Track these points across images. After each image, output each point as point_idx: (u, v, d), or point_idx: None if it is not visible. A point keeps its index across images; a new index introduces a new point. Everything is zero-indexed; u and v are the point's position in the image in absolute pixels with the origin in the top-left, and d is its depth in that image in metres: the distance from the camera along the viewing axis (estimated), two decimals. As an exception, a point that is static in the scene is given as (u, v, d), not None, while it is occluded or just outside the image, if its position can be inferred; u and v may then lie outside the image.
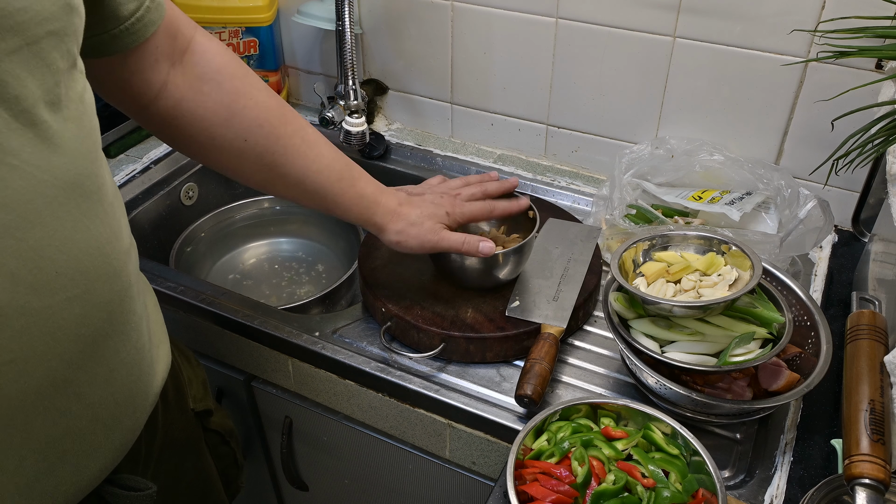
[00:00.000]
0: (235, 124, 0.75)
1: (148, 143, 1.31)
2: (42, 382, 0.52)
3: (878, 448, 0.66)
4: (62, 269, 0.51)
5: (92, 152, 0.55)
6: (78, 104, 0.54)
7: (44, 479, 0.55)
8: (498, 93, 1.24)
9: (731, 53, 1.04)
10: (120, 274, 0.58)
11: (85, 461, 0.59)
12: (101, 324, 0.56)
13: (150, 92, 0.71)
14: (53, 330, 0.52)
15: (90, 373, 0.56)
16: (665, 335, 0.79)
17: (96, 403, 0.58)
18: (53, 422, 0.55)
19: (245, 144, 0.76)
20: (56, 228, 0.51)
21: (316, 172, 0.80)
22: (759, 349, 0.76)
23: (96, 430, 0.59)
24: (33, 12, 0.47)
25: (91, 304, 0.55)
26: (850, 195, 1.08)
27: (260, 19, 1.29)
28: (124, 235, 0.61)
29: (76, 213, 0.52)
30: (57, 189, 0.51)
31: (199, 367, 0.86)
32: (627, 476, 0.68)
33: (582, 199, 1.20)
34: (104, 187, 0.57)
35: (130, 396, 0.62)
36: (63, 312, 0.52)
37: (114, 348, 0.59)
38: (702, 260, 0.83)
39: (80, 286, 0.53)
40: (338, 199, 0.82)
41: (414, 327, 0.89)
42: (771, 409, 0.79)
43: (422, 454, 0.95)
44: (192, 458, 0.81)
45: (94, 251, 0.54)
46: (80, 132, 0.53)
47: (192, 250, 1.24)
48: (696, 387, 0.78)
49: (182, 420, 0.79)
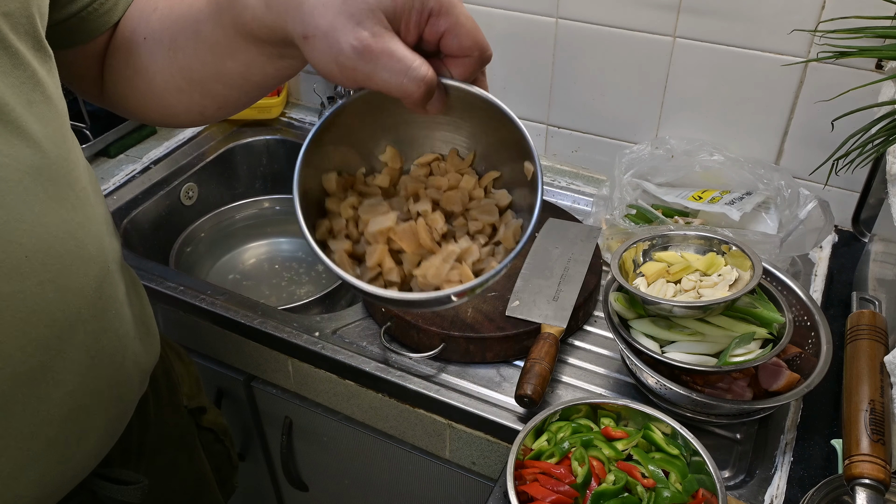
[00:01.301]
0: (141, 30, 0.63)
1: (148, 143, 1.31)
2: (18, 368, 0.52)
3: (878, 448, 0.66)
4: (31, 252, 0.51)
5: (58, 136, 0.54)
6: (42, 88, 0.53)
7: (29, 467, 0.55)
8: (498, 93, 1.23)
9: (731, 53, 1.04)
10: (96, 259, 0.58)
11: (71, 449, 0.58)
12: (78, 309, 0.56)
13: None
14: (27, 314, 0.51)
15: (68, 359, 0.56)
16: (665, 335, 0.79)
17: (77, 390, 0.57)
18: (34, 409, 0.54)
19: (144, 43, 0.62)
20: (23, 212, 0.50)
21: None
22: (759, 349, 0.76)
23: (79, 417, 0.58)
24: None
25: (65, 288, 0.54)
26: (850, 195, 1.08)
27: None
28: (100, 222, 0.60)
29: (43, 196, 0.52)
30: (21, 173, 0.50)
31: (192, 365, 0.86)
32: (627, 476, 0.68)
33: (582, 199, 1.20)
34: (74, 172, 0.56)
35: (114, 384, 0.62)
36: (35, 297, 0.52)
37: (93, 334, 0.58)
38: (702, 260, 0.83)
39: (52, 270, 0.53)
40: None
41: (414, 327, 0.89)
42: (771, 409, 0.79)
43: (422, 454, 0.95)
44: (186, 454, 0.81)
45: (65, 235, 0.54)
46: (46, 115, 0.53)
47: (192, 250, 1.24)
48: (696, 387, 0.78)
49: (175, 416, 0.79)
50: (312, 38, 0.47)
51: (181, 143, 1.33)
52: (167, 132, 1.34)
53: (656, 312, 0.80)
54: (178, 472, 0.80)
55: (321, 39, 0.47)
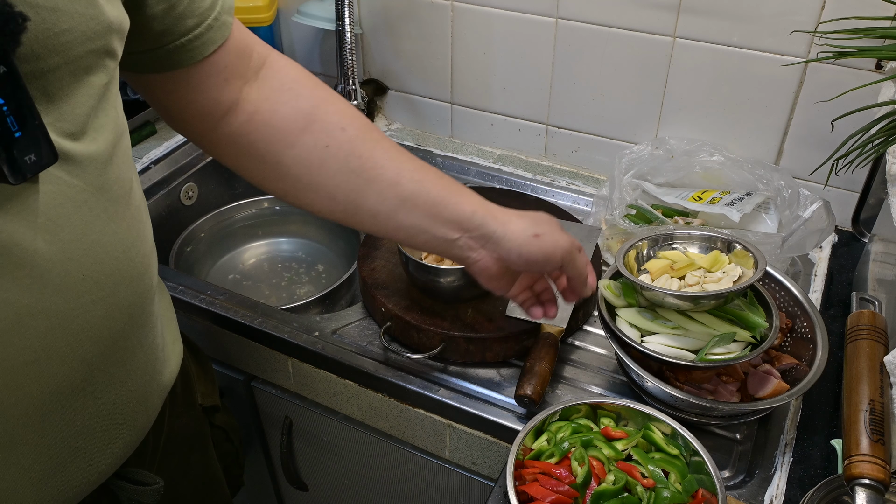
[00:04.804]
0: (316, 129, 0.68)
1: (148, 143, 1.31)
2: (62, 382, 0.53)
3: (878, 448, 0.66)
4: (88, 272, 0.52)
5: (119, 157, 0.56)
6: (110, 112, 0.54)
7: (57, 473, 0.56)
8: (498, 93, 1.24)
9: (731, 53, 1.04)
10: (143, 276, 0.59)
11: (97, 457, 0.60)
12: (123, 325, 0.57)
13: (218, 111, 0.66)
14: (76, 331, 0.53)
15: (108, 373, 0.57)
16: (648, 326, 0.79)
17: (111, 402, 0.59)
18: (69, 420, 0.56)
19: (327, 151, 0.68)
20: (84, 232, 0.52)
21: (412, 171, 0.69)
22: (740, 352, 0.76)
23: (109, 427, 0.60)
24: (78, 32, 0.47)
25: (114, 306, 0.56)
26: (850, 195, 1.08)
27: (260, 19, 1.29)
28: (148, 238, 0.62)
29: (104, 216, 0.53)
30: (87, 193, 0.51)
31: (208, 364, 0.87)
32: (627, 476, 0.68)
33: (582, 199, 1.20)
34: (132, 191, 0.58)
35: (143, 395, 0.63)
36: (87, 315, 0.53)
37: (131, 349, 0.60)
38: (706, 258, 0.83)
39: (105, 289, 0.54)
40: (445, 201, 0.69)
41: (414, 327, 0.89)
42: (748, 413, 0.78)
43: (422, 454, 0.95)
44: (199, 452, 0.82)
45: (120, 254, 0.55)
46: (111, 137, 0.54)
47: (192, 250, 1.24)
48: (676, 383, 0.79)
49: (189, 414, 0.79)
50: (542, 235, 0.70)
51: (181, 142, 1.32)
52: (167, 132, 1.34)
53: (648, 302, 0.80)
54: (191, 469, 0.80)
55: (549, 235, 0.71)
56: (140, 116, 1.30)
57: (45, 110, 0.47)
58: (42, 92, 0.47)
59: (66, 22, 0.46)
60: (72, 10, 0.47)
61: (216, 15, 0.62)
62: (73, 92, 0.49)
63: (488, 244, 0.70)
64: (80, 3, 0.48)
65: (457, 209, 0.69)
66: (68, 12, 0.47)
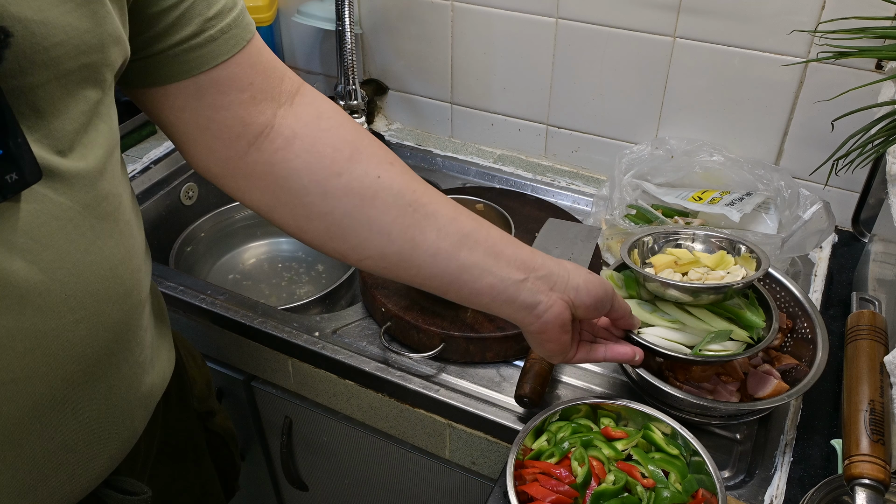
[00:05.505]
0: (363, 159, 0.62)
1: (148, 143, 1.31)
2: (40, 401, 0.51)
3: (877, 448, 0.66)
4: (72, 292, 0.50)
5: (110, 172, 0.54)
6: (101, 127, 0.53)
7: (37, 488, 0.55)
8: (498, 93, 1.24)
9: (731, 53, 1.04)
10: (132, 293, 0.57)
11: (80, 471, 0.58)
12: (107, 343, 0.55)
13: (247, 134, 0.61)
14: (57, 351, 0.51)
15: (90, 390, 0.55)
16: (646, 318, 0.79)
17: (93, 419, 0.57)
18: (49, 437, 0.54)
19: (379, 182, 0.62)
20: (68, 251, 0.50)
21: (465, 211, 0.65)
22: (736, 350, 0.76)
23: (91, 442, 0.58)
24: (71, 46, 0.46)
25: (99, 325, 0.54)
26: (850, 195, 1.08)
27: (260, 19, 1.29)
28: (139, 253, 0.59)
29: (90, 235, 0.51)
30: (73, 212, 0.50)
31: (205, 368, 0.86)
32: (627, 476, 0.68)
33: (582, 199, 1.20)
34: (121, 206, 0.56)
35: (128, 409, 0.61)
36: (68, 334, 0.51)
37: (116, 365, 0.58)
38: (711, 257, 0.83)
39: (89, 308, 0.52)
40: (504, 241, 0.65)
41: (414, 327, 0.89)
42: (748, 413, 0.79)
43: (422, 454, 0.95)
44: (193, 458, 0.81)
45: (107, 273, 0.53)
46: (101, 153, 0.52)
47: (192, 250, 1.24)
48: (676, 383, 0.79)
49: (184, 420, 0.79)
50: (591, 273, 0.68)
51: (181, 142, 1.32)
52: (167, 132, 1.34)
53: (650, 295, 0.80)
54: (185, 475, 0.79)
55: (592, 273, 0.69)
56: (140, 116, 1.29)
57: (33, 126, 0.46)
58: (30, 107, 0.45)
59: (56, 35, 0.45)
60: (63, 22, 0.45)
61: (224, 27, 0.58)
62: (64, 107, 0.48)
63: (556, 285, 0.65)
64: (74, 16, 0.46)
65: (517, 249, 0.65)
66: (59, 25, 0.45)
